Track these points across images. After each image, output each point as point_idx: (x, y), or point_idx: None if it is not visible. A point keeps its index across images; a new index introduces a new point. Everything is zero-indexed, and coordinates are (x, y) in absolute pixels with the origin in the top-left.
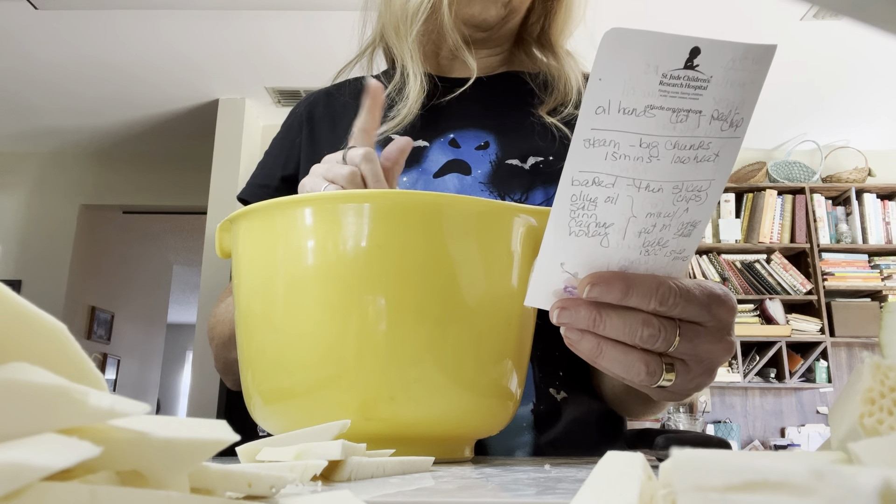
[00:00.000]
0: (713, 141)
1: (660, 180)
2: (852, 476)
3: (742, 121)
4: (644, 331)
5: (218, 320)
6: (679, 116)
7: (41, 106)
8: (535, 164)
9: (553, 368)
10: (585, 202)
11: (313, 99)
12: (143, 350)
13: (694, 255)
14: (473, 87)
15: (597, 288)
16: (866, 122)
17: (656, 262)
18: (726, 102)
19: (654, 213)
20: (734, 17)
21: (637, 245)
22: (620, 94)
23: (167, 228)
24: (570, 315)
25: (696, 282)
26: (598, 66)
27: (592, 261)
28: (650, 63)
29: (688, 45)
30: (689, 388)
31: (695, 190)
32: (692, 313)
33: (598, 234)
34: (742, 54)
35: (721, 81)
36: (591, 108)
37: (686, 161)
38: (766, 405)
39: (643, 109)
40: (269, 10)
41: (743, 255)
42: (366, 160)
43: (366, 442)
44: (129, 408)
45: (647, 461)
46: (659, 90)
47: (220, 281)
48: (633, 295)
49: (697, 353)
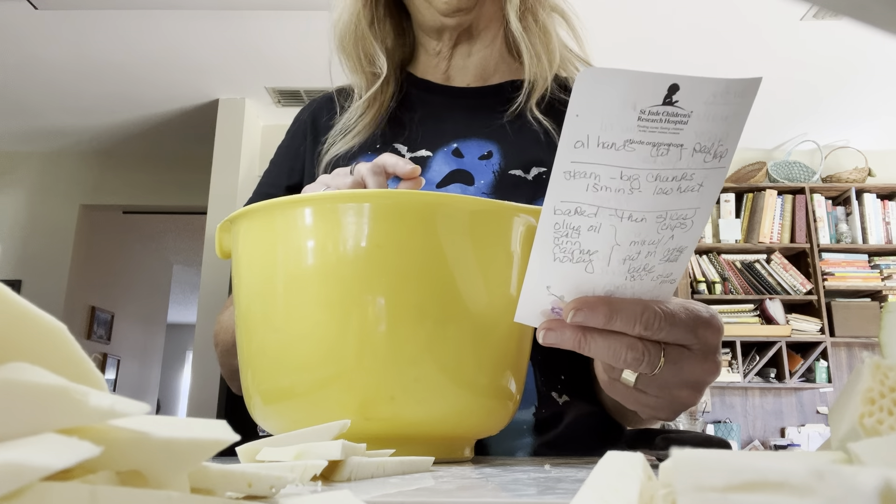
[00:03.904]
0: (696, 172)
1: (643, 210)
2: (852, 476)
3: (726, 151)
4: (628, 354)
5: (222, 327)
6: (660, 150)
7: (41, 106)
8: (538, 175)
9: (555, 372)
10: (568, 230)
11: (316, 105)
12: (143, 350)
13: (690, 259)
14: (477, 96)
15: (581, 313)
16: (866, 122)
17: (643, 286)
18: (709, 135)
19: (639, 241)
20: (734, 18)
21: (622, 271)
22: (598, 129)
23: (167, 228)
24: (556, 336)
25: (682, 304)
26: (574, 103)
27: (578, 285)
28: (627, 100)
29: (666, 83)
30: (675, 408)
31: (679, 218)
32: (677, 336)
33: (583, 261)
34: (724, 89)
35: (702, 116)
36: (569, 142)
37: (669, 192)
38: (766, 405)
39: (622, 144)
40: (269, 10)
41: (743, 255)
42: (373, 174)
43: (366, 442)
44: (129, 408)
45: (647, 461)
46: (637, 126)
47: (220, 281)
48: (617, 320)
49: (681, 374)
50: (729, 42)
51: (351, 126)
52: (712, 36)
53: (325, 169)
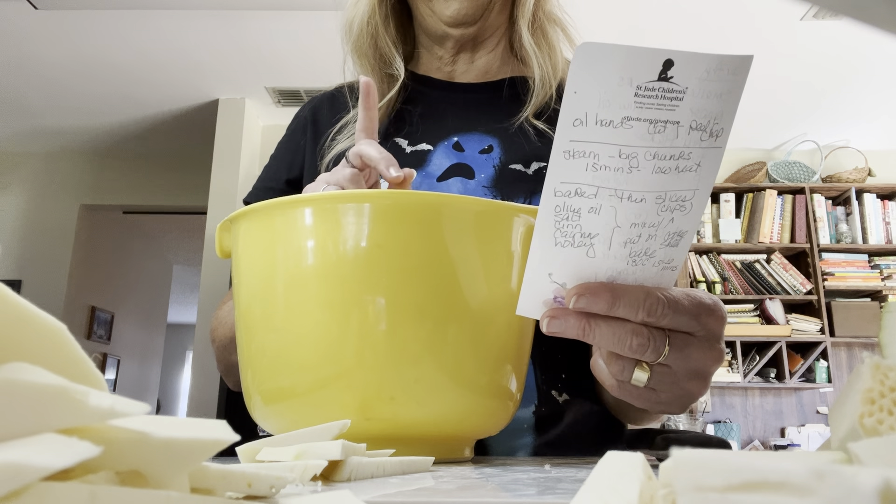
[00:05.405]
0: (693, 151)
1: (642, 190)
2: (852, 476)
3: (722, 131)
4: (633, 340)
5: (219, 323)
6: (657, 127)
7: (41, 106)
8: (538, 170)
9: (555, 371)
10: (569, 213)
11: (317, 102)
12: (143, 350)
13: (685, 261)
14: (478, 91)
15: (583, 299)
16: (866, 122)
17: (644, 272)
18: (704, 113)
19: (639, 224)
20: (735, 18)
21: (623, 255)
22: (597, 106)
23: (167, 228)
24: (560, 324)
25: (684, 291)
26: (572, 79)
27: (579, 271)
28: (624, 76)
29: (661, 58)
30: (685, 401)
31: (679, 200)
32: (681, 323)
33: (584, 245)
34: (717, 65)
35: (697, 92)
36: (568, 121)
37: (667, 171)
38: (766, 405)
39: (620, 121)
40: (269, 10)
41: (743, 255)
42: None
43: (366, 442)
44: (129, 408)
45: (647, 461)
46: (634, 102)
47: (221, 281)
48: (620, 306)
49: (687, 362)
50: (729, 42)
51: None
52: (712, 36)
53: (328, 165)
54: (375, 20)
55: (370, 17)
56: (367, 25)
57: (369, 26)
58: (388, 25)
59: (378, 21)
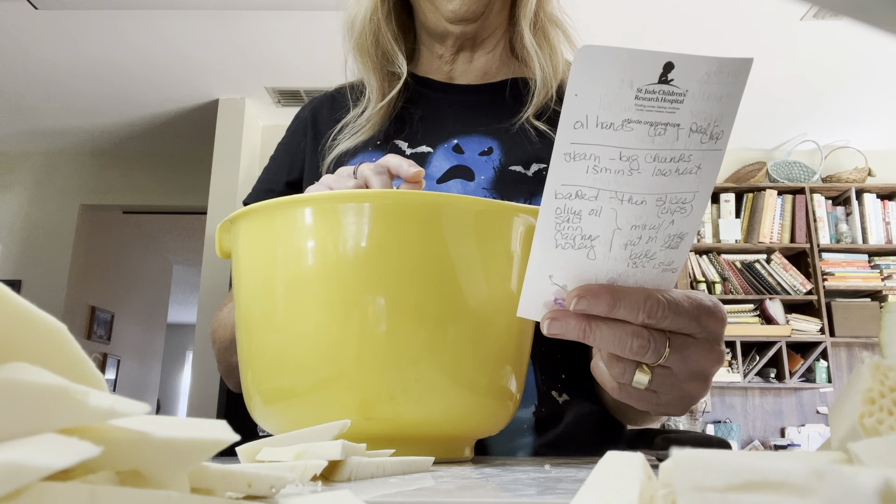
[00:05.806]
0: (693, 153)
1: (642, 193)
2: (852, 476)
3: (722, 133)
4: (634, 342)
5: (220, 324)
6: (657, 130)
7: (41, 106)
8: (538, 171)
9: (555, 371)
10: (570, 215)
11: (317, 102)
12: (143, 350)
13: (685, 263)
14: (477, 93)
15: (584, 300)
16: (866, 122)
17: (645, 274)
18: (704, 115)
19: (639, 226)
20: (735, 18)
21: (624, 257)
22: (597, 108)
23: (167, 228)
24: (561, 326)
25: (685, 293)
26: (573, 82)
27: (580, 273)
28: (624, 79)
29: (661, 61)
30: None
31: (679, 202)
32: (681, 325)
33: (585, 247)
34: (717, 68)
35: (697, 95)
36: (569, 123)
37: (668, 174)
38: (766, 405)
39: (621, 123)
40: (269, 10)
41: (743, 255)
42: (376, 174)
43: (366, 442)
44: (129, 408)
45: (647, 461)
46: (635, 104)
47: (221, 281)
48: (620, 307)
49: (688, 363)
50: (729, 42)
51: (361, 125)
52: (712, 36)
53: (329, 166)
54: (378, 17)
55: (373, 14)
56: (369, 22)
57: (372, 23)
58: (391, 22)
59: (380, 17)
